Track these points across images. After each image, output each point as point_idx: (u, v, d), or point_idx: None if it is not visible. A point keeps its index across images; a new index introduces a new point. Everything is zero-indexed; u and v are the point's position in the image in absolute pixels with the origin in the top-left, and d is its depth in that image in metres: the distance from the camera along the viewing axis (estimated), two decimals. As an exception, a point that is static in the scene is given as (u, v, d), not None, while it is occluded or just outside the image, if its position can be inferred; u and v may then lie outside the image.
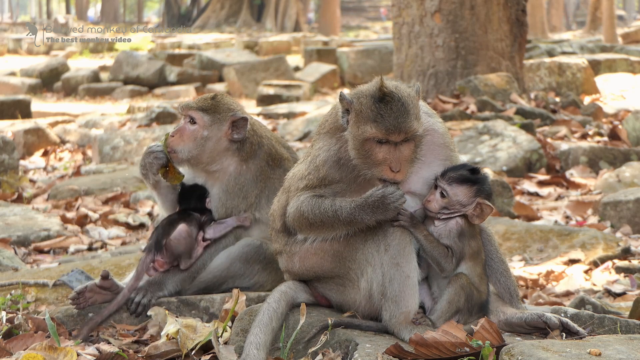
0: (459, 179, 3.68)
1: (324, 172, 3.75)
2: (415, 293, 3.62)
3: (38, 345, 3.80)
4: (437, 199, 3.69)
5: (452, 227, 3.70)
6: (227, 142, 4.59)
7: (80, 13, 65.98)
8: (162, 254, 4.45)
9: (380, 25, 62.61)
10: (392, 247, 3.62)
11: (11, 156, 10.93)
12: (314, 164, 3.79)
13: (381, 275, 3.63)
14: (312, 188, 3.76)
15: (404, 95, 3.61)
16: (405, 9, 12.87)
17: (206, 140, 4.54)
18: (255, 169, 4.62)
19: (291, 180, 3.91)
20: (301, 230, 3.78)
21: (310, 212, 3.69)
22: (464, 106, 11.81)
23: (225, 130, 4.57)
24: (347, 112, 3.69)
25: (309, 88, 21.86)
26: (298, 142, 12.87)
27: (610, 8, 31.87)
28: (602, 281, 5.86)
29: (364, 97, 3.63)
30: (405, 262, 3.61)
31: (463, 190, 3.69)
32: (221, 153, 4.60)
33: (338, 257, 3.74)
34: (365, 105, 3.61)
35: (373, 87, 3.66)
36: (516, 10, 12.81)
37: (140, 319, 4.40)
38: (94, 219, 8.37)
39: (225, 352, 3.69)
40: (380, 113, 3.57)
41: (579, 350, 3.23)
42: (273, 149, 4.69)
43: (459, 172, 3.70)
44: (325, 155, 3.77)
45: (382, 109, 3.57)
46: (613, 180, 8.71)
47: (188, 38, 41.45)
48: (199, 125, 4.55)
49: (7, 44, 39.54)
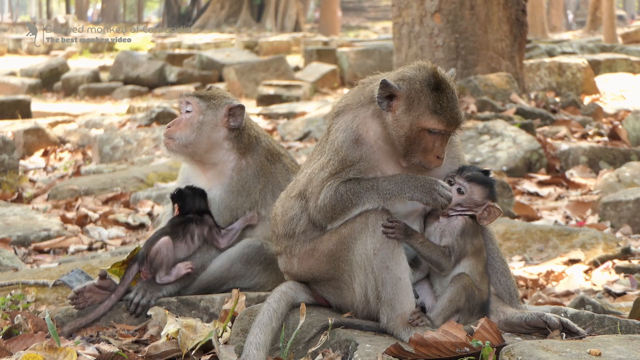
0: (477, 178, 3.74)
1: (343, 153, 3.71)
2: (409, 293, 3.62)
3: (38, 345, 3.80)
4: (455, 194, 3.71)
5: (457, 225, 3.71)
6: (224, 130, 4.58)
7: (80, 13, 65.97)
8: (145, 265, 4.44)
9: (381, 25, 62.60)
10: (380, 251, 3.61)
11: (11, 156, 10.93)
12: (333, 148, 3.75)
13: (373, 280, 3.63)
14: (337, 174, 3.72)
15: (451, 81, 3.69)
16: (405, 9, 12.87)
17: (202, 125, 4.54)
18: (255, 164, 4.61)
19: (307, 180, 3.84)
20: (334, 219, 3.72)
21: (345, 199, 3.65)
22: (464, 106, 11.80)
23: (222, 117, 4.57)
24: (389, 98, 3.66)
25: (309, 88, 21.85)
26: (298, 142, 12.87)
27: (610, 8, 31.86)
28: (602, 281, 5.86)
29: (417, 83, 3.63)
30: (394, 264, 3.61)
31: (479, 189, 3.73)
32: (219, 142, 4.58)
33: (332, 258, 3.73)
34: (421, 92, 3.62)
35: (424, 72, 3.66)
36: (516, 10, 12.81)
37: (140, 319, 4.40)
38: (94, 219, 8.37)
39: (225, 352, 3.69)
40: (440, 103, 3.60)
41: (579, 350, 3.23)
42: (270, 145, 4.70)
43: (475, 172, 3.75)
44: (343, 135, 3.73)
45: (440, 99, 3.61)
46: (613, 180, 8.71)
47: (188, 38, 41.47)
48: (195, 111, 4.57)
49: (7, 44, 39.55)
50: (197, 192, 4.58)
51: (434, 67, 3.69)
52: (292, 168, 4.70)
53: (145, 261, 4.43)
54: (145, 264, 4.43)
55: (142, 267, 4.44)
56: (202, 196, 4.57)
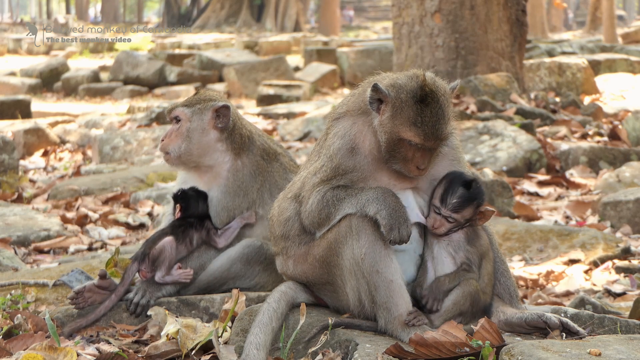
0: (462, 202, 3.67)
1: (337, 161, 3.71)
2: (402, 294, 3.61)
3: (38, 345, 3.79)
4: (444, 223, 3.68)
5: (460, 238, 3.71)
6: (214, 133, 4.59)
7: (80, 13, 65.96)
8: (145, 264, 4.44)
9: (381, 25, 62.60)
10: (368, 255, 3.60)
11: (11, 156, 10.93)
12: (328, 154, 3.74)
13: (365, 284, 3.62)
14: (328, 181, 3.72)
15: (442, 95, 3.60)
16: (405, 9, 12.87)
17: (192, 132, 4.57)
18: (251, 163, 4.61)
19: (301, 184, 3.86)
20: (322, 226, 3.74)
21: (330, 205, 3.66)
22: (464, 106, 11.81)
23: (209, 120, 4.59)
24: (379, 101, 3.64)
25: (309, 88, 21.85)
26: (298, 142, 12.87)
27: (610, 8, 31.86)
28: (602, 281, 5.86)
29: (404, 92, 3.59)
30: (384, 266, 3.60)
31: (468, 210, 3.69)
32: (211, 145, 4.59)
33: (324, 263, 3.73)
34: (405, 103, 3.57)
35: (413, 83, 3.60)
36: (516, 10, 12.81)
37: (140, 319, 4.40)
38: (94, 219, 8.37)
39: (226, 352, 3.69)
40: (420, 116, 3.55)
41: (579, 350, 3.23)
42: (266, 144, 4.69)
43: (459, 194, 3.67)
44: (339, 142, 3.72)
45: (422, 112, 3.55)
46: (613, 180, 8.71)
47: (188, 38, 41.47)
48: (183, 120, 4.61)
49: (7, 44, 39.55)
50: (201, 195, 4.58)
51: (425, 78, 3.61)
52: (291, 167, 4.69)
53: (146, 260, 4.43)
54: (147, 262, 4.42)
55: (142, 266, 4.43)
56: (205, 200, 4.57)
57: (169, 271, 4.43)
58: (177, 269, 4.45)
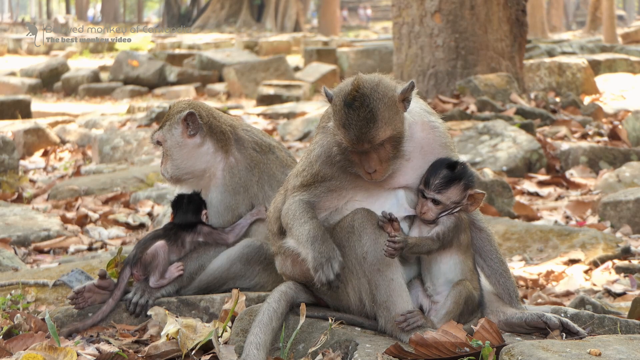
0: (446, 182, 3.67)
1: (317, 168, 3.73)
2: (403, 293, 3.61)
3: (38, 345, 3.79)
4: (431, 207, 3.68)
5: (450, 221, 3.70)
6: (192, 141, 4.59)
7: (80, 13, 65.97)
8: (137, 267, 4.43)
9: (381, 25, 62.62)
10: (369, 254, 3.61)
11: (11, 156, 10.93)
12: (309, 160, 3.78)
13: (367, 283, 3.63)
14: (307, 186, 3.75)
15: (375, 99, 3.53)
16: (405, 9, 12.87)
17: (171, 150, 4.60)
18: (245, 158, 4.61)
19: (289, 179, 3.92)
20: (286, 232, 3.79)
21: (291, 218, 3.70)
22: (464, 106, 11.81)
23: (181, 132, 4.60)
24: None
25: (309, 88, 21.86)
26: (298, 142, 12.87)
27: (610, 8, 31.87)
28: (602, 281, 5.86)
29: (337, 96, 3.60)
30: (385, 266, 3.61)
31: (453, 190, 3.68)
32: (195, 153, 4.59)
33: None
34: (337, 106, 3.58)
35: (348, 87, 3.60)
36: (516, 10, 12.82)
37: (140, 319, 4.40)
38: (94, 219, 8.37)
39: (226, 352, 3.69)
40: (347, 120, 3.53)
41: (579, 350, 3.23)
42: (256, 137, 4.69)
43: (442, 175, 3.67)
44: (319, 150, 3.75)
45: (348, 116, 3.53)
46: (613, 180, 8.71)
47: (188, 38, 41.49)
48: (162, 142, 4.63)
49: (7, 44, 39.55)
50: (193, 202, 4.56)
51: (359, 81, 3.57)
52: (287, 161, 4.69)
53: (138, 264, 4.42)
54: (138, 266, 4.42)
55: (134, 270, 4.43)
56: (197, 209, 4.55)
57: (163, 275, 4.43)
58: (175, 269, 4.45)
